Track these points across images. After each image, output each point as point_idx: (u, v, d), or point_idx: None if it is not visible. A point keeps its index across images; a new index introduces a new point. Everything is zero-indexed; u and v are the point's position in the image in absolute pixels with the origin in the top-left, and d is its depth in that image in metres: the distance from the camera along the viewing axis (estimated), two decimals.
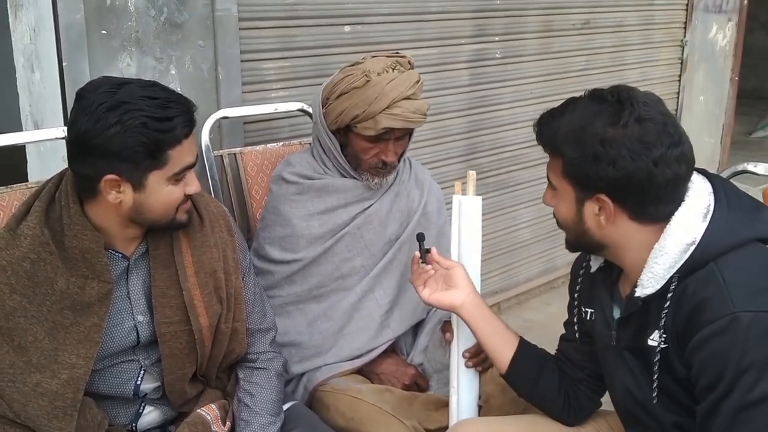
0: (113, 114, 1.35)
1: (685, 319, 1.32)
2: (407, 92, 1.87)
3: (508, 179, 3.54)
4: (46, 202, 1.47)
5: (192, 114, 1.44)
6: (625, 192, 1.33)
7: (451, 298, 1.66)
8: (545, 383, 1.64)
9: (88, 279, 1.45)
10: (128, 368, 1.57)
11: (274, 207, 2.02)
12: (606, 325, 1.51)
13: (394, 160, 1.94)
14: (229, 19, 2.32)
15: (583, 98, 1.40)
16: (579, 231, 1.42)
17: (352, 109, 1.88)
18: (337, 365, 1.94)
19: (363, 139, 1.92)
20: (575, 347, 1.64)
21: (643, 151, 1.30)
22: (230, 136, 2.40)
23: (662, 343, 1.37)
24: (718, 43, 4.74)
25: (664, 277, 1.34)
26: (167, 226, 1.52)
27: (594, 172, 1.33)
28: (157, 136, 1.37)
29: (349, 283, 1.99)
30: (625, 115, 1.31)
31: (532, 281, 3.84)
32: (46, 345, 1.43)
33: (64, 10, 1.99)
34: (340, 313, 1.98)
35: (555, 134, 1.38)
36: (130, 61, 2.16)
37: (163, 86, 1.45)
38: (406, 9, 2.87)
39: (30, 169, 2.21)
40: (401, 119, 1.87)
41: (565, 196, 1.41)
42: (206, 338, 1.57)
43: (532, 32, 3.42)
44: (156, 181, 1.43)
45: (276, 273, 1.98)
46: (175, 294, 1.54)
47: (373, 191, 2.01)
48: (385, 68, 1.89)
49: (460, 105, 3.21)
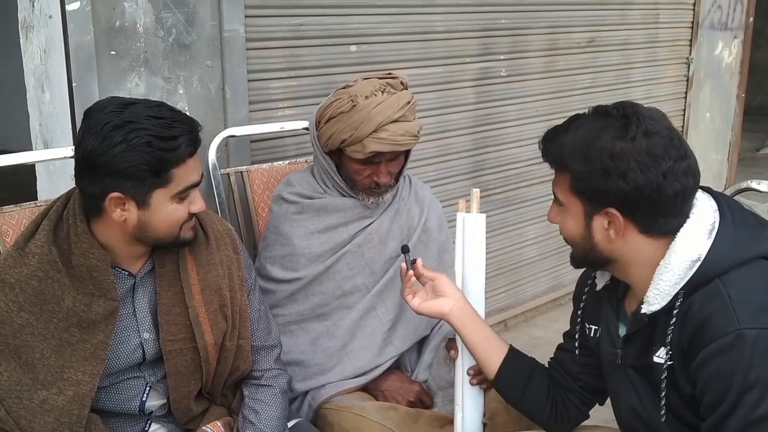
0: (119, 133, 1.38)
1: (690, 336, 1.32)
2: (395, 115, 1.86)
3: (513, 196, 3.55)
4: (54, 220, 1.49)
5: (196, 134, 1.46)
6: (634, 205, 1.33)
7: (439, 306, 1.68)
8: (534, 389, 1.65)
9: (95, 297, 1.47)
10: (134, 385, 1.59)
11: (274, 226, 2.03)
12: (611, 343, 1.51)
13: (387, 181, 1.94)
14: (237, 39, 2.35)
15: (587, 114, 1.41)
16: (587, 246, 1.42)
17: (339, 133, 1.89)
18: (341, 383, 1.94)
19: (354, 162, 1.93)
20: (573, 359, 1.64)
21: (652, 164, 1.31)
22: (237, 154, 2.43)
23: (668, 361, 1.37)
24: (724, 60, 4.75)
25: (670, 293, 1.35)
26: (172, 243, 1.53)
27: (604, 186, 1.33)
28: (161, 155, 1.39)
29: (351, 301, 2.00)
30: (633, 128, 1.32)
31: (538, 298, 3.83)
32: (53, 362, 1.45)
33: (74, 32, 2.02)
34: (343, 331, 1.98)
35: (561, 150, 1.39)
36: (139, 81, 2.19)
37: (170, 107, 1.47)
38: (412, 29, 2.90)
39: (39, 188, 2.23)
40: (389, 143, 1.86)
41: (573, 211, 1.41)
42: (211, 355, 1.58)
43: (537, 50, 3.45)
44: (160, 199, 1.44)
45: (278, 292, 2.00)
46: (181, 311, 1.56)
47: (373, 209, 2.02)
48: (373, 91, 1.89)
49: (465, 123, 3.22)
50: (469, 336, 1.67)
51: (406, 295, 1.72)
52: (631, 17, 3.90)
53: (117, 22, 2.11)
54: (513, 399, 1.69)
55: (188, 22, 2.25)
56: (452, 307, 1.68)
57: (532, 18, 3.37)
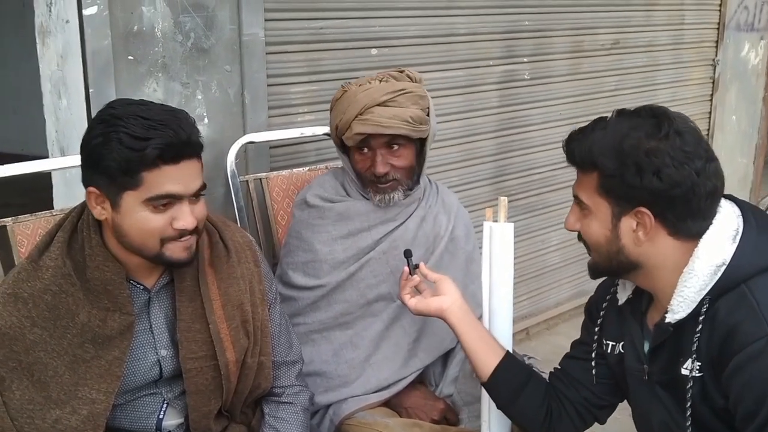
0: (101, 126, 1.35)
1: (719, 344, 1.29)
2: (381, 98, 1.82)
3: (537, 202, 3.48)
4: (69, 232, 1.45)
5: (178, 145, 1.34)
6: (667, 204, 1.31)
7: (438, 303, 1.66)
8: (529, 394, 1.60)
9: (110, 311, 1.42)
10: (151, 402, 1.54)
11: (296, 232, 1.99)
12: (637, 360, 1.47)
13: (384, 171, 1.87)
14: (256, 43, 2.31)
15: (612, 117, 1.39)
16: (612, 250, 1.39)
17: (333, 120, 1.91)
18: (363, 398, 1.88)
19: (355, 152, 1.92)
20: (583, 367, 1.59)
21: (686, 161, 1.29)
22: (256, 160, 2.38)
23: (696, 372, 1.33)
24: (750, 62, 4.65)
25: (695, 300, 1.32)
26: (156, 260, 1.43)
27: (637, 184, 1.30)
28: (127, 154, 1.32)
29: (375, 309, 1.94)
30: (665, 126, 1.31)
31: (561, 305, 3.76)
32: (67, 380, 1.40)
33: (91, 37, 1.99)
34: (367, 342, 1.93)
35: (590, 149, 1.35)
36: (157, 87, 2.14)
37: (178, 115, 1.38)
38: (434, 31, 2.85)
39: (55, 195, 2.20)
40: (372, 124, 1.82)
41: (599, 213, 1.38)
42: (232, 373, 1.53)
43: (562, 53, 3.38)
44: (130, 202, 1.36)
45: (300, 299, 1.94)
46: (201, 328, 1.50)
47: (397, 213, 1.96)
48: (369, 80, 1.88)
49: (489, 127, 3.17)
50: (466, 334, 1.64)
51: (404, 295, 1.70)
52: (656, 18, 3.82)
53: (135, 27, 2.07)
54: (503, 403, 1.64)
55: (207, 26, 2.21)
56: (450, 305, 1.65)
57: (556, 19, 3.31)
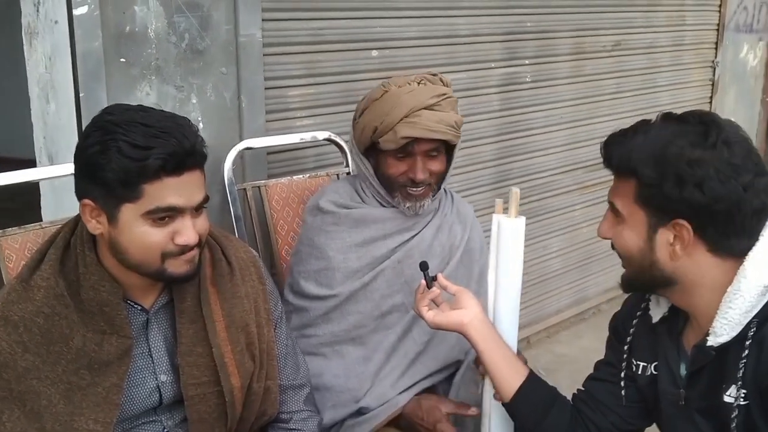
0: (97, 134, 1.26)
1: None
2: (428, 101, 1.76)
3: (539, 207, 3.41)
4: (62, 249, 1.35)
5: (181, 155, 1.26)
6: (708, 219, 1.23)
7: (458, 317, 1.55)
8: (553, 419, 1.51)
9: (106, 334, 1.32)
10: (150, 430, 1.44)
11: (309, 239, 1.90)
12: (673, 383, 1.38)
13: (424, 178, 1.80)
14: (253, 45, 2.21)
15: (656, 120, 1.31)
16: (645, 263, 1.31)
17: (371, 122, 1.79)
18: (373, 418, 1.79)
19: (389, 156, 1.81)
20: (610, 390, 1.51)
21: (732, 175, 1.21)
22: (253, 167, 2.28)
23: (741, 399, 1.24)
24: (749, 64, 4.61)
25: (741, 322, 1.23)
26: (157, 277, 1.34)
27: (677, 196, 1.22)
28: (127, 164, 1.23)
29: (389, 321, 1.86)
30: (713, 135, 1.22)
31: (562, 312, 3.70)
32: (61, 409, 1.29)
33: (81, 38, 1.89)
34: (380, 355, 1.85)
35: (629, 155, 1.27)
36: (150, 90, 2.05)
37: (180, 122, 1.30)
38: (436, 32, 2.77)
39: (44, 205, 2.09)
40: (421, 128, 1.74)
41: (634, 223, 1.30)
42: (237, 400, 1.43)
43: (564, 54, 3.32)
44: (129, 216, 1.27)
45: (312, 310, 1.85)
46: (203, 351, 1.41)
47: (414, 222, 1.88)
48: (407, 81, 1.80)
49: (490, 131, 3.10)
50: (488, 351, 1.53)
51: (421, 307, 1.59)
52: (656, 19, 3.77)
53: (127, 28, 1.97)
54: (528, 426, 1.54)
55: (202, 26, 2.11)
56: (472, 319, 1.54)
57: (558, 21, 3.24)
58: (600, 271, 3.81)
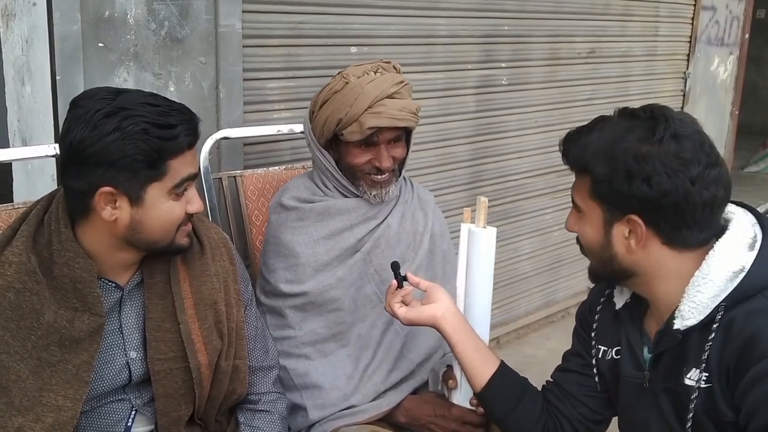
0: (111, 120, 1.25)
1: (736, 354, 1.23)
2: (389, 90, 1.76)
3: (511, 209, 3.45)
4: (34, 225, 1.35)
5: (196, 124, 1.34)
6: (659, 213, 1.26)
7: (431, 310, 1.57)
8: (525, 409, 1.53)
9: (78, 312, 1.32)
10: (118, 409, 1.44)
11: (274, 237, 1.88)
12: (636, 366, 1.42)
13: (389, 165, 1.81)
14: (233, 35, 2.22)
15: (613, 116, 1.34)
16: (606, 257, 1.34)
17: (334, 114, 1.78)
18: (360, 413, 1.77)
19: (353, 147, 1.81)
20: (578, 380, 1.54)
21: (679, 168, 1.23)
22: (229, 157, 2.29)
23: (702, 382, 1.27)
24: (719, 77, 4.71)
25: (708, 306, 1.26)
26: (165, 249, 1.38)
27: (626, 191, 1.25)
28: (158, 144, 1.26)
29: (363, 312, 1.85)
30: (660, 130, 1.25)
31: (531, 315, 3.73)
32: (30, 385, 1.29)
33: (59, 21, 1.88)
34: (367, 352, 1.84)
35: (584, 151, 1.31)
36: (128, 77, 2.04)
37: (164, 97, 1.35)
38: (414, 32, 2.80)
39: (16, 188, 2.07)
40: (387, 117, 1.75)
41: (592, 218, 1.34)
42: (205, 377, 1.44)
43: (539, 59, 3.36)
44: (155, 194, 1.30)
45: (286, 308, 1.83)
46: (171, 327, 1.41)
47: (378, 210, 1.88)
48: (365, 71, 1.81)
49: (465, 132, 3.13)
50: (461, 343, 1.55)
51: (393, 305, 1.60)
52: (631, 29, 3.83)
53: (106, 12, 1.97)
54: (499, 415, 1.57)
55: (182, 14, 2.12)
56: (444, 312, 1.56)
57: (535, 26, 3.29)
58: (569, 275, 3.86)
